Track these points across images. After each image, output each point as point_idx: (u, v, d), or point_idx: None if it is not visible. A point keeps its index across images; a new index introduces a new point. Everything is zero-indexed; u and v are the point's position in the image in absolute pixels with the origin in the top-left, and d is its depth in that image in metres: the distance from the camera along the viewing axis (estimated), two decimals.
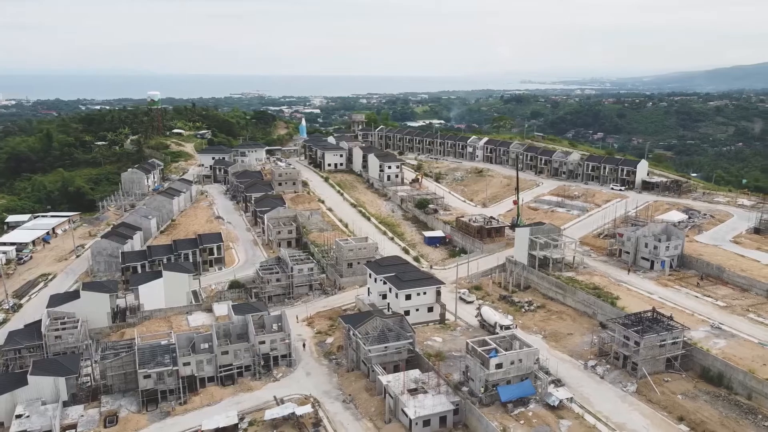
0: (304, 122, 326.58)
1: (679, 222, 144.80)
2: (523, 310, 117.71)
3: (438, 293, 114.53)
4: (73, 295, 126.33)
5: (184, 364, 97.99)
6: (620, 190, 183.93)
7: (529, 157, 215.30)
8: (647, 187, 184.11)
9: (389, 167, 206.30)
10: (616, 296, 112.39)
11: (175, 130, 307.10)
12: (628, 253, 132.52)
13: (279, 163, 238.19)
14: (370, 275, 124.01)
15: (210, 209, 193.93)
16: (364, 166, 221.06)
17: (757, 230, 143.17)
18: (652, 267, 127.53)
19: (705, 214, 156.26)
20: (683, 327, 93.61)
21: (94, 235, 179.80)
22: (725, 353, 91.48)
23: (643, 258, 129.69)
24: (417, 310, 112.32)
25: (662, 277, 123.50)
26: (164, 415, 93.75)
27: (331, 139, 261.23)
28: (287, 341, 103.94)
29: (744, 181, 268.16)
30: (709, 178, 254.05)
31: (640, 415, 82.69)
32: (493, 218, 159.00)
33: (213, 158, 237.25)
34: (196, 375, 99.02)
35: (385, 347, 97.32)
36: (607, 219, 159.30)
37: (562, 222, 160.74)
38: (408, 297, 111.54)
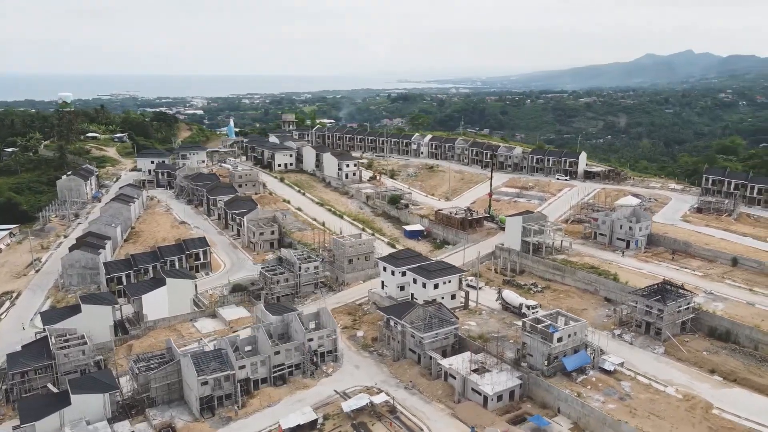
0: (232, 123, 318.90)
1: (635, 206, 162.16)
2: (532, 291, 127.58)
3: (460, 281, 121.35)
4: (72, 310, 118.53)
5: (240, 368, 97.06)
6: (566, 179, 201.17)
7: (474, 152, 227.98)
8: (589, 176, 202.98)
9: (347, 166, 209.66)
10: (614, 273, 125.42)
11: (90, 134, 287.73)
12: (603, 235, 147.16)
13: (223, 164, 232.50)
14: (385, 269, 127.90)
15: (169, 214, 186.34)
16: (318, 165, 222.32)
17: (699, 210, 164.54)
18: (628, 246, 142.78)
19: (649, 198, 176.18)
20: (692, 294, 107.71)
21: (47, 247, 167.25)
22: (728, 313, 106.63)
23: (619, 239, 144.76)
24: (442, 298, 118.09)
25: (640, 255, 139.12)
26: (226, 420, 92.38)
27: (273, 139, 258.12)
28: (333, 337, 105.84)
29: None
30: None
31: (679, 372, 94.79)
32: (470, 210, 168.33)
33: (152, 162, 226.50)
34: (251, 377, 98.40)
35: (436, 334, 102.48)
36: (566, 206, 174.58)
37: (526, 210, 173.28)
38: (436, 286, 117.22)
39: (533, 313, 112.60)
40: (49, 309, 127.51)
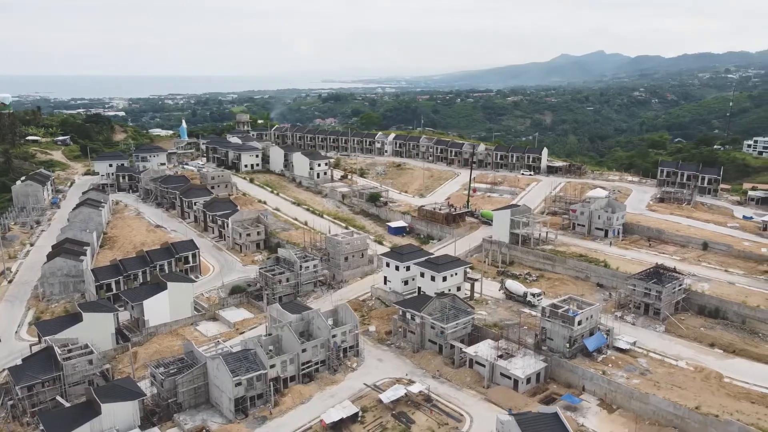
0: (184, 124, 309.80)
1: (606, 197, 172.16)
2: (528, 281, 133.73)
3: (465, 273, 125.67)
4: (72, 319, 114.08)
5: (271, 367, 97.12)
6: (530, 174, 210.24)
7: (439, 150, 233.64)
8: (551, 171, 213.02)
9: (318, 165, 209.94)
10: (603, 260, 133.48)
11: (30, 137, 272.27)
12: (582, 225, 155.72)
13: (186, 166, 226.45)
14: (388, 264, 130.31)
15: (141, 218, 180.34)
16: (286, 165, 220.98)
17: (661, 200, 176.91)
18: (606, 235, 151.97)
19: (613, 190, 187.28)
20: (684, 276, 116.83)
21: (14, 256, 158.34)
22: (715, 292, 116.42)
23: (597, 228, 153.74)
24: (449, 290, 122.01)
25: (619, 242, 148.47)
26: (261, 420, 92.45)
27: (235, 140, 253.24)
28: (355, 332, 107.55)
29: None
30: None
31: (683, 347, 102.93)
32: (452, 206, 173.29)
33: (110, 165, 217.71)
34: (281, 376, 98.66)
35: (456, 324, 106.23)
36: (537, 200, 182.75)
37: (500, 205, 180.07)
38: (444, 279, 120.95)
39: (538, 300, 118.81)
40: (35, 319, 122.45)
